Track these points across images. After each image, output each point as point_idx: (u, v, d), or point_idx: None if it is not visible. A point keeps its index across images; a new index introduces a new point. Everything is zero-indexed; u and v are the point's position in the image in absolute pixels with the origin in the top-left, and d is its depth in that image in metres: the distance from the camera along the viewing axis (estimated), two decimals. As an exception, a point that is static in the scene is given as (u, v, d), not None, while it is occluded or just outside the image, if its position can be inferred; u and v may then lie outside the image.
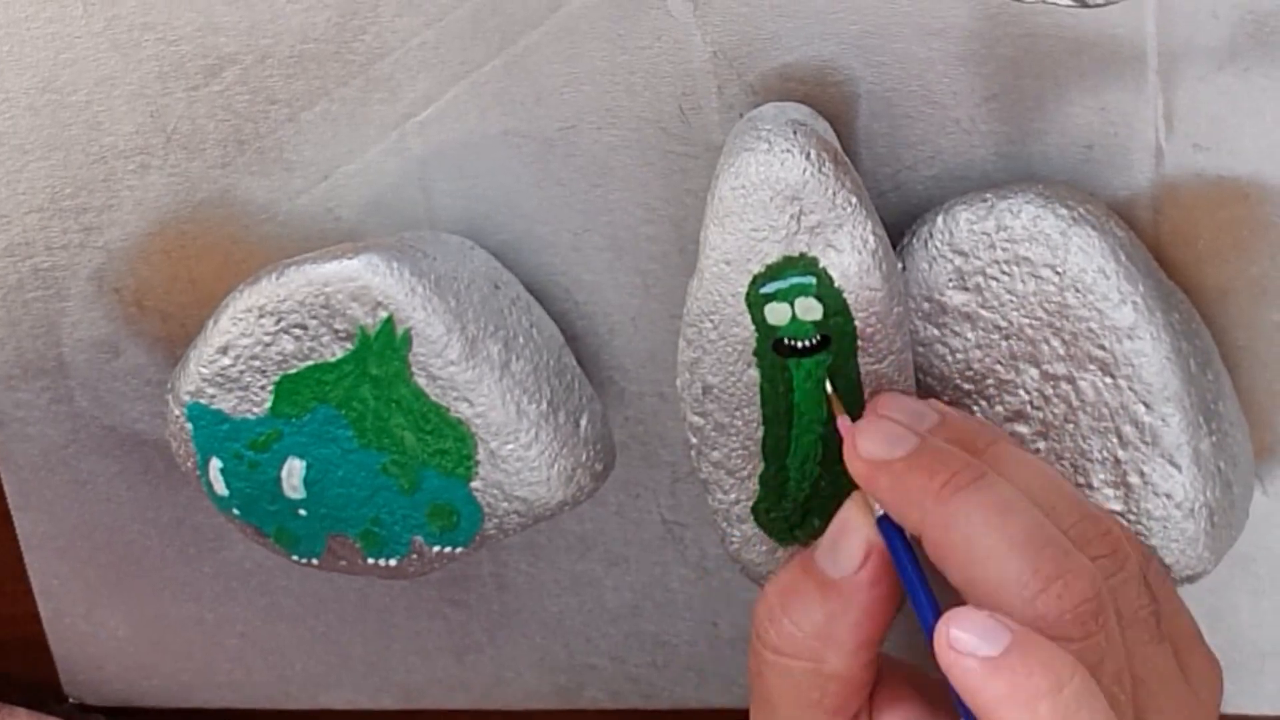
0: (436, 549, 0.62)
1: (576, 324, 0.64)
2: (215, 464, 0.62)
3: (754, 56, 0.60)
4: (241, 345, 0.60)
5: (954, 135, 0.61)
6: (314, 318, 0.60)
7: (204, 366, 0.61)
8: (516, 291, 0.62)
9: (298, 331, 0.60)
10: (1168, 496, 0.59)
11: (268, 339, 0.60)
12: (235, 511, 0.62)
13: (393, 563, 0.63)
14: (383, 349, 0.60)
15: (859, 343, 0.58)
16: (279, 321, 0.60)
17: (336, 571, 0.64)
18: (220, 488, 0.62)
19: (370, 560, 0.63)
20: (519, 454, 0.60)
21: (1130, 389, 0.59)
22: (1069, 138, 0.60)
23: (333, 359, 0.60)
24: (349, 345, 0.60)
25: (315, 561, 0.63)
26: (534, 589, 0.71)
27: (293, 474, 0.62)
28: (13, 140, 0.63)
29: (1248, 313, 0.62)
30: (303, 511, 0.62)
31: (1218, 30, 0.58)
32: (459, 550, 0.62)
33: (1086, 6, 0.56)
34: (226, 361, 0.60)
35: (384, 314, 0.59)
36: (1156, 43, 0.59)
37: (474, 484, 0.61)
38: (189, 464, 0.62)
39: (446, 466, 0.61)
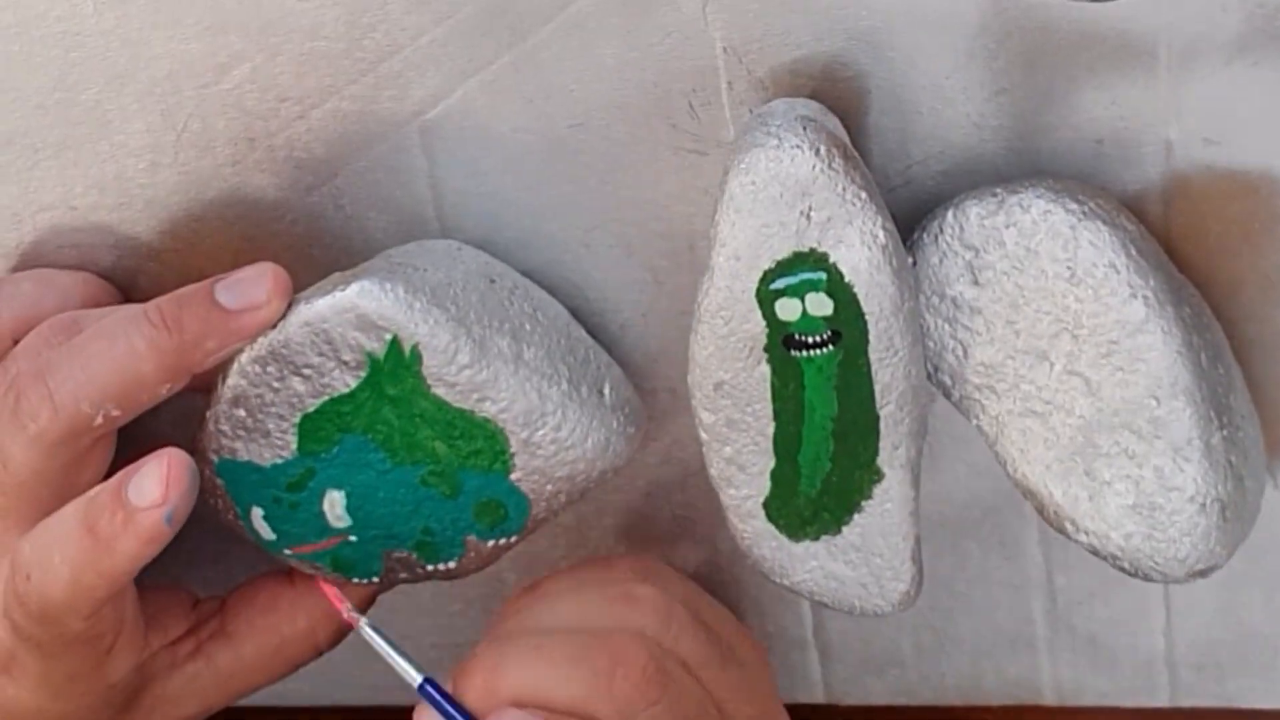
0: (491, 543, 0.62)
1: (587, 321, 0.64)
2: (257, 512, 0.62)
3: (764, 52, 0.60)
4: (253, 396, 0.60)
5: (964, 130, 0.61)
6: (320, 355, 0.59)
7: (223, 425, 0.61)
8: (513, 281, 0.62)
9: (307, 371, 0.60)
10: (1179, 490, 0.59)
11: (277, 385, 0.60)
12: (287, 552, 0.63)
13: (451, 565, 0.63)
14: (394, 369, 0.59)
15: (870, 338, 0.58)
16: (284, 366, 0.60)
17: (399, 584, 0.64)
18: (266, 533, 0.62)
19: (429, 567, 0.63)
20: (551, 437, 0.60)
21: (1141, 383, 0.59)
22: (1079, 132, 0.60)
23: (347, 390, 0.60)
24: (360, 373, 0.60)
25: (376, 580, 0.63)
26: (545, 585, 0.71)
27: (334, 505, 0.62)
28: (24, 139, 0.63)
29: (1259, 306, 0.62)
30: (353, 538, 0.62)
31: (1228, 24, 0.58)
32: (514, 539, 0.62)
33: (1096, 0, 0.56)
34: (242, 414, 0.60)
35: (388, 336, 0.59)
36: (1167, 36, 0.59)
37: (514, 475, 0.61)
38: (230, 516, 0.62)
39: (483, 465, 0.61)
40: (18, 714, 0.61)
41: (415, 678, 0.60)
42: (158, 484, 0.57)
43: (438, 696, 0.60)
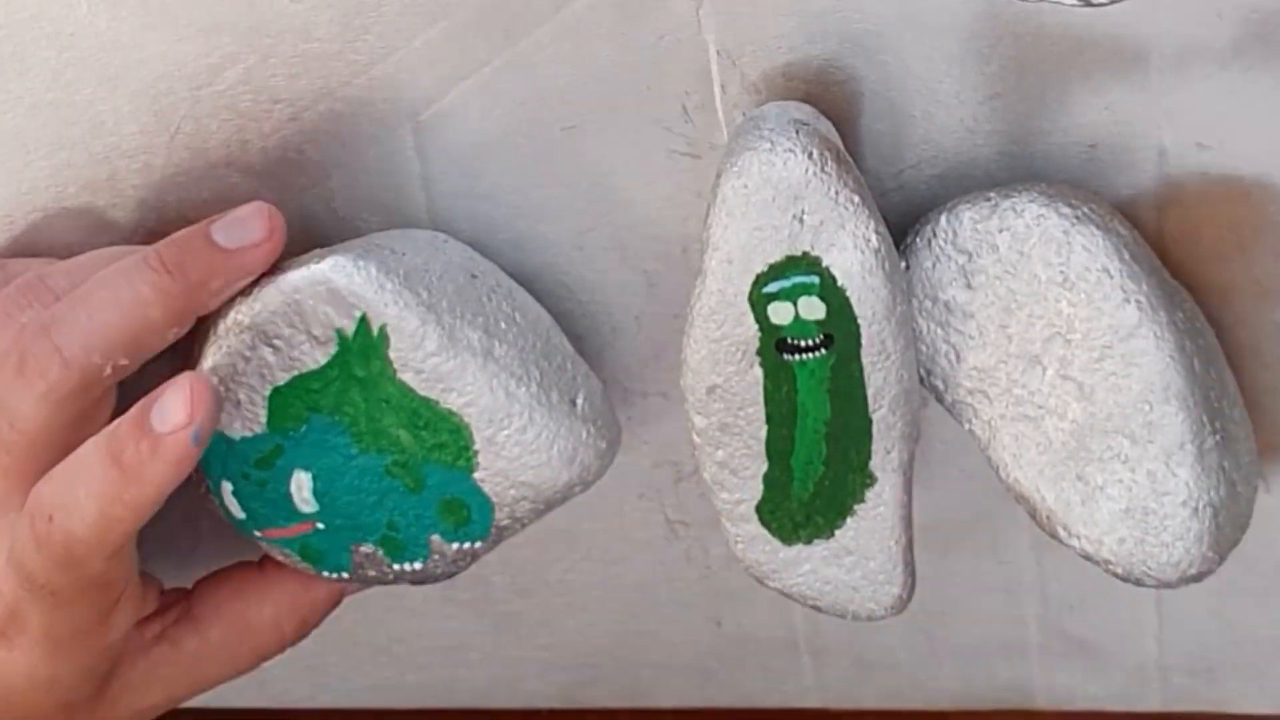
0: (456, 545, 0.62)
1: (580, 323, 0.64)
2: (227, 487, 0.62)
3: (757, 55, 0.60)
4: (225, 364, 0.60)
5: (957, 134, 0.61)
6: (290, 326, 0.60)
7: None
8: (495, 279, 0.62)
9: (277, 342, 0.60)
10: (1172, 495, 0.59)
11: (248, 354, 0.60)
12: (257, 534, 0.63)
13: (417, 566, 0.63)
14: (363, 349, 0.60)
15: (862, 342, 0.58)
16: (256, 336, 0.60)
17: (368, 583, 0.64)
18: (236, 510, 0.62)
19: (396, 566, 0.63)
20: (515, 438, 0.60)
21: (1134, 388, 0.59)
22: (1072, 137, 0.60)
23: (316, 366, 0.60)
24: (330, 350, 0.60)
25: (345, 575, 0.63)
26: (535, 588, 0.71)
27: (301, 487, 0.62)
28: (16, 140, 0.63)
29: (1251, 312, 0.62)
30: (320, 525, 0.62)
31: (1221, 29, 0.58)
32: (479, 545, 0.62)
33: (1090, 5, 0.55)
34: (214, 382, 0.60)
35: (357, 314, 0.59)
36: (1160, 41, 0.59)
37: (477, 475, 0.61)
38: (202, 489, 0.63)
39: (447, 460, 0.61)
40: (4, 679, 0.61)
41: None
42: (182, 406, 0.57)
43: None
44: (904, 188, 0.62)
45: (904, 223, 0.61)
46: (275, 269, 0.60)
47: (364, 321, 0.59)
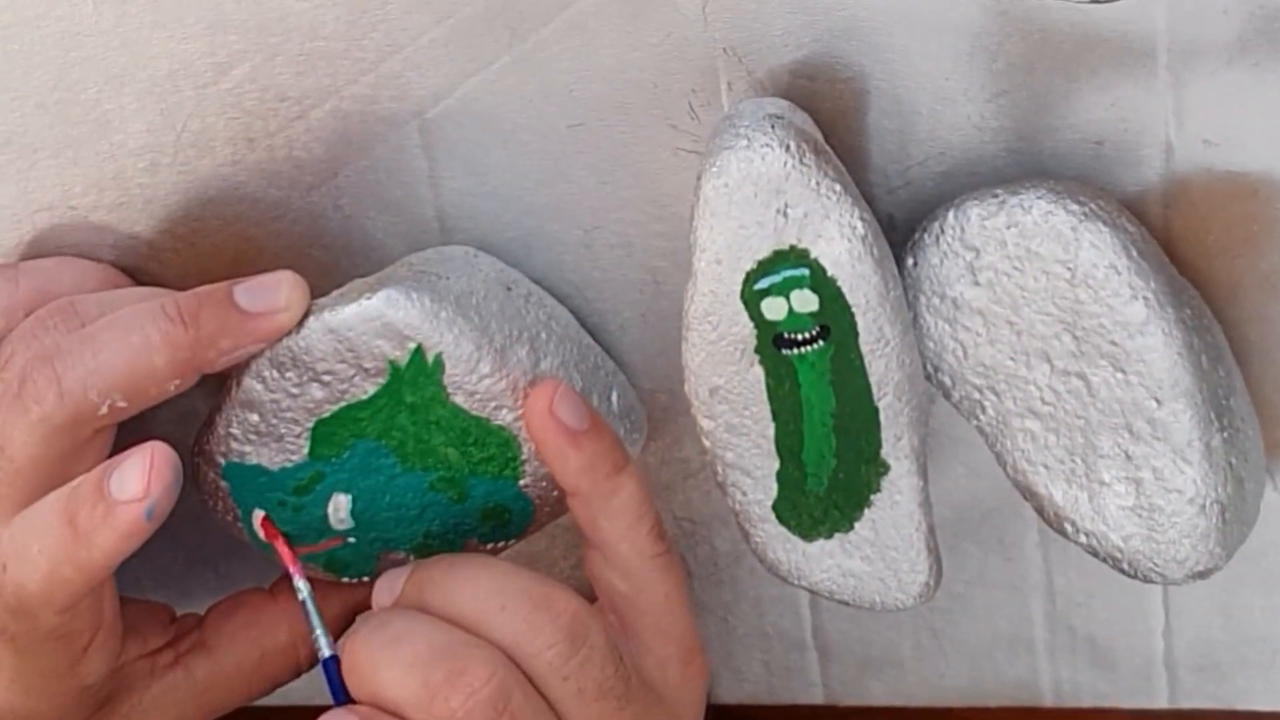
0: (490, 545, 0.62)
1: (587, 321, 0.64)
2: (259, 515, 0.62)
3: (763, 53, 0.60)
4: (268, 401, 0.60)
5: (964, 131, 0.61)
6: (341, 362, 0.59)
7: (234, 428, 0.60)
8: (527, 288, 0.62)
9: (327, 378, 0.59)
10: (1179, 492, 0.59)
11: (295, 391, 0.60)
12: None
13: None
14: (415, 377, 0.59)
15: (859, 330, 0.58)
16: (304, 373, 0.59)
17: None
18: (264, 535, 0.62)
19: None
20: None
21: (1141, 385, 0.59)
22: (1079, 134, 0.60)
23: (365, 396, 0.60)
24: (380, 380, 0.59)
25: (367, 579, 0.63)
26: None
27: (339, 509, 0.61)
28: (23, 139, 0.63)
29: (1259, 308, 0.62)
30: (351, 539, 0.62)
31: (1228, 26, 0.58)
32: (513, 541, 0.62)
33: (1097, 2, 0.55)
34: (255, 419, 0.60)
35: (412, 345, 0.59)
36: (1167, 38, 0.59)
37: (523, 481, 0.61)
38: (229, 518, 0.62)
39: (493, 471, 0.61)
40: None
41: (325, 652, 0.59)
42: (139, 478, 0.56)
43: (331, 674, 0.58)
44: (911, 185, 0.62)
45: (911, 219, 0.61)
46: (320, 306, 0.59)
47: (419, 351, 0.59)
